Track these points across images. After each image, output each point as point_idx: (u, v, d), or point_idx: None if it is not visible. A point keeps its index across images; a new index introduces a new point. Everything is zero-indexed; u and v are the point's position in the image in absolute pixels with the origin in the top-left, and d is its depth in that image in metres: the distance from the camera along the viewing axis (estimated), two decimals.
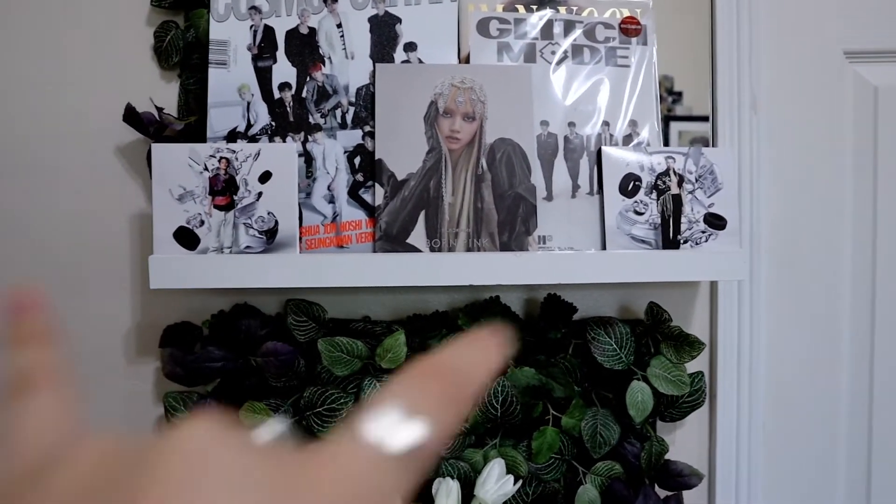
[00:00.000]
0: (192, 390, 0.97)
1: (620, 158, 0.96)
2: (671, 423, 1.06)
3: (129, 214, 1.00)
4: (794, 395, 1.11)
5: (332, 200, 0.94)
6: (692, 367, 1.01)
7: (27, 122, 1.00)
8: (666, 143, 1.04)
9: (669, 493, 1.02)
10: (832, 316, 1.11)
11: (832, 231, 1.11)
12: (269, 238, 0.89)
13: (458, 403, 0.28)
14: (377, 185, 0.92)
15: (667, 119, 1.05)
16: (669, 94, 1.05)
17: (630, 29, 1.00)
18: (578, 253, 0.94)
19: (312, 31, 0.95)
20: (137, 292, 1.01)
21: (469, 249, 0.92)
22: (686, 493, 1.03)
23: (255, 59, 0.94)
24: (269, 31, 0.95)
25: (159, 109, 0.95)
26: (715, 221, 0.96)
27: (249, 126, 0.94)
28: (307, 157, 0.94)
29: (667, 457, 1.01)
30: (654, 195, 0.96)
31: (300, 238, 0.92)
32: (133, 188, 1.00)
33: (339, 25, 0.96)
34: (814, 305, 1.11)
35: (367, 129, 0.94)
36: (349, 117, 0.95)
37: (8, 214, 1.00)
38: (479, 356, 0.30)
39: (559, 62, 0.99)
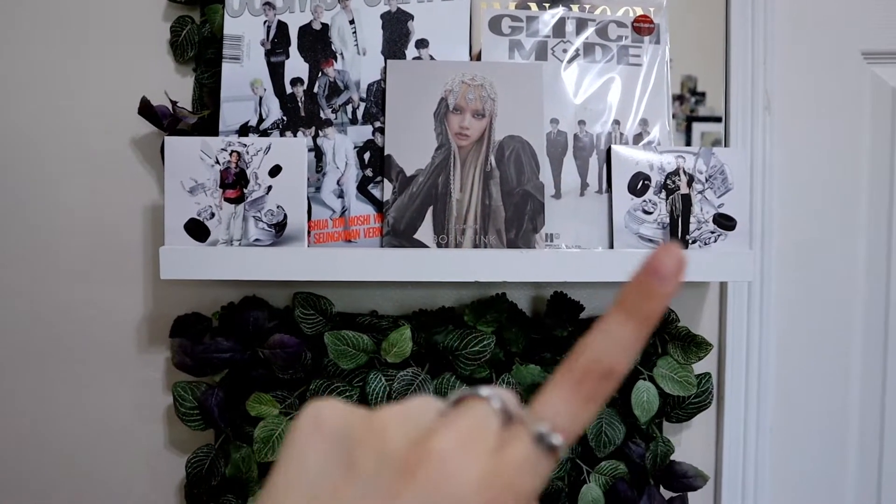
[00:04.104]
0: (201, 380, 0.98)
1: (630, 157, 0.96)
2: (677, 424, 1.05)
3: (142, 206, 1.02)
4: (803, 399, 1.10)
5: (340, 195, 0.95)
6: (700, 367, 1.01)
7: (44, 113, 1.02)
8: (688, 144, 1.04)
9: (674, 495, 1.01)
10: (844, 319, 1.10)
11: (846, 234, 1.09)
12: (278, 231, 0.90)
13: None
14: (386, 180, 0.93)
15: (689, 119, 1.05)
16: (692, 94, 1.05)
17: (643, 27, 1.00)
18: (585, 251, 0.94)
19: (325, 27, 0.96)
20: (149, 283, 1.03)
21: (476, 246, 0.92)
22: (691, 495, 1.02)
23: (268, 54, 0.95)
24: (282, 27, 0.96)
25: (173, 103, 0.96)
26: (724, 222, 0.95)
27: (261, 120, 0.95)
28: (317, 152, 0.95)
29: (672, 458, 1.01)
30: (663, 194, 0.95)
31: (308, 232, 0.93)
32: (146, 180, 1.02)
33: (352, 22, 0.96)
34: (825, 308, 1.10)
35: (378, 124, 0.95)
36: (360, 113, 0.96)
37: (23, 204, 1.02)
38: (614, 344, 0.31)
39: (570, 60, 0.99)
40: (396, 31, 0.97)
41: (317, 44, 0.96)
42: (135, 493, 1.05)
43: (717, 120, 1.05)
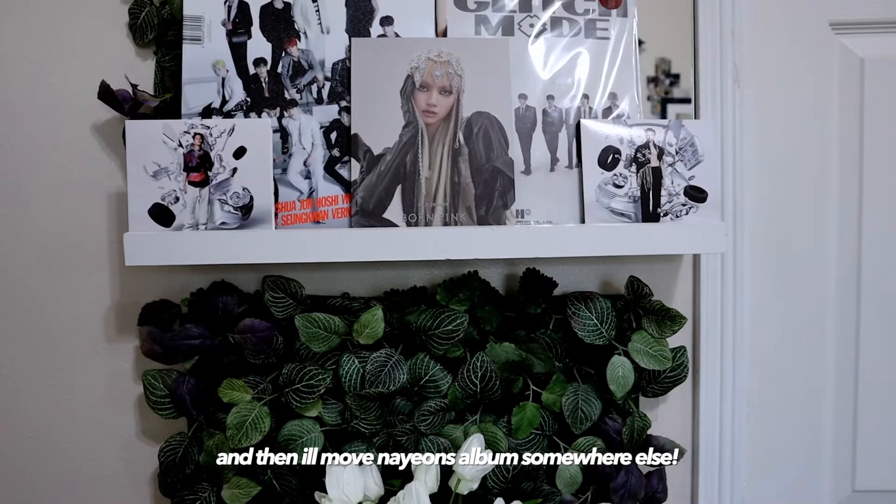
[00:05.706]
0: (171, 368, 0.97)
1: (599, 131, 0.95)
2: (654, 399, 1.06)
3: (105, 192, 1.00)
4: (778, 370, 1.10)
5: (308, 176, 0.93)
6: (675, 341, 1.00)
7: (2, 100, 0.99)
8: None
9: (652, 469, 1.01)
10: (817, 289, 1.10)
11: (817, 204, 1.10)
12: (245, 214, 0.89)
13: None
14: (353, 160, 0.92)
15: (664, 101, 1.04)
16: (667, 76, 1.04)
17: (609, 0, 0.99)
18: (556, 226, 0.93)
19: (287, 5, 0.94)
20: (115, 271, 1.01)
21: (446, 224, 0.91)
22: (669, 469, 1.02)
23: (229, 34, 0.94)
24: (243, 6, 0.94)
25: (134, 86, 0.94)
26: (695, 194, 0.95)
27: (224, 102, 0.93)
28: (283, 133, 0.93)
29: (649, 432, 1.01)
30: (633, 168, 0.95)
31: (276, 214, 0.92)
32: (109, 166, 1.00)
33: (315, 0, 0.95)
34: (798, 279, 1.10)
35: (344, 104, 0.94)
36: (325, 92, 0.94)
37: None
38: None
39: (537, 35, 0.98)
40: (360, 8, 0.95)
41: (279, 23, 0.94)
42: (108, 485, 1.04)
43: (691, 101, 1.05)
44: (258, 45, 0.94)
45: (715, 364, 1.07)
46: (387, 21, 0.95)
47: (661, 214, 0.94)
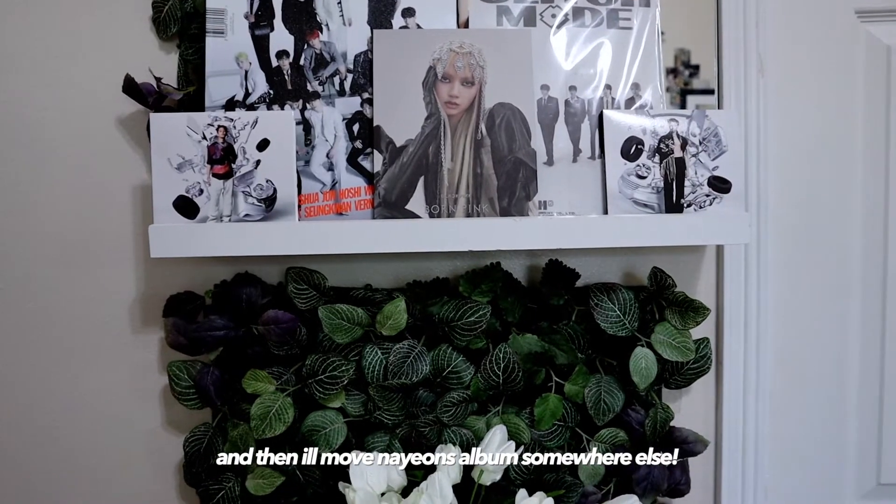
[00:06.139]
0: (196, 359, 0.98)
1: (622, 122, 0.95)
2: (676, 391, 1.05)
3: (130, 185, 1.01)
4: (801, 362, 1.10)
5: (330, 168, 0.93)
6: (698, 333, 1.00)
7: (27, 95, 1.00)
8: None
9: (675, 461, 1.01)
10: (841, 280, 1.09)
11: (842, 195, 1.09)
12: (268, 206, 0.89)
13: None
14: (376, 151, 0.92)
15: (683, 93, 1.04)
16: (686, 67, 1.04)
17: None
18: (579, 217, 0.93)
19: None
20: (141, 263, 1.02)
21: (469, 215, 0.92)
22: (692, 460, 1.02)
23: (252, 27, 0.94)
24: None
25: (158, 80, 0.95)
26: (719, 185, 0.94)
27: (248, 94, 0.93)
28: (306, 125, 0.93)
29: (672, 424, 1.01)
30: (656, 158, 0.94)
31: (299, 206, 0.92)
32: (134, 159, 1.01)
33: None
34: (822, 270, 1.09)
35: (366, 95, 0.94)
36: (347, 84, 0.94)
37: (9, 187, 1.01)
38: None
39: (560, 25, 0.97)
40: (382, 0, 0.95)
41: (301, 15, 0.94)
42: (134, 475, 1.05)
43: (711, 92, 1.04)
44: (280, 38, 0.94)
45: (738, 355, 1.06)
46: (408, 13, 0.95)
47: (685, 205, 0.94)
